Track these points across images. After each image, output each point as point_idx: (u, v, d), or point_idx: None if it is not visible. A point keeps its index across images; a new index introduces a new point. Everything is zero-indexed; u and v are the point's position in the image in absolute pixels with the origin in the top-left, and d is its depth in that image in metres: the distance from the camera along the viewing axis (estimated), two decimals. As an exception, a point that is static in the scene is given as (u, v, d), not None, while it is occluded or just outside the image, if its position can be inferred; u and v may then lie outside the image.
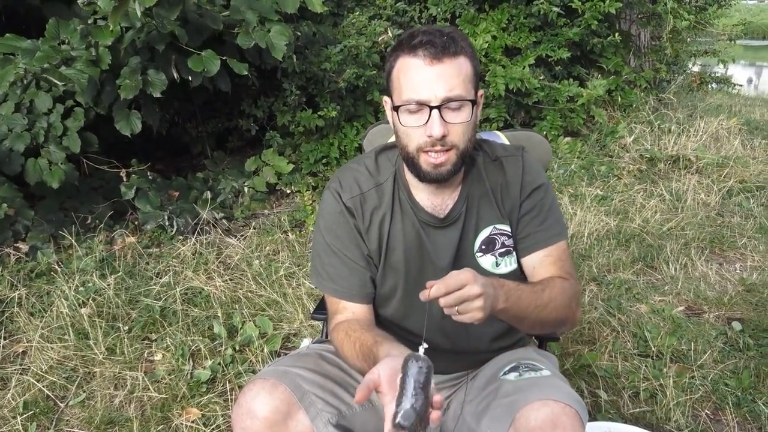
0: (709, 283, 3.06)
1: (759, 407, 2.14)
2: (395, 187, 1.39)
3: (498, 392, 1.27)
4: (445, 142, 1.24)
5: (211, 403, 2.22)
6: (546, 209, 1.40)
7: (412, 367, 0.99)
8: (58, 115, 3.24)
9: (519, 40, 4.68)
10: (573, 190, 4.15)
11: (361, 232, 1.38)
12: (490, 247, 1.39)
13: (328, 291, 1.41)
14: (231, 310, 2.77)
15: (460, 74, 1.23)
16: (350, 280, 1.39)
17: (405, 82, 1.24)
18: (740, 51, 11.44)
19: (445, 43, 1.22)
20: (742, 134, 5.25)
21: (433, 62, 1.21)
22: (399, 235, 1.38)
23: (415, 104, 1.22)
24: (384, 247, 1.39)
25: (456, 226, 1.38)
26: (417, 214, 1.38)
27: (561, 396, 1.13)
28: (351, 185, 1.40)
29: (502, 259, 1.39)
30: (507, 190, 1.39)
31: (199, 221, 3.52)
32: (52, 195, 3.35)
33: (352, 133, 4.14)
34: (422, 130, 1.23)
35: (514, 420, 1.14)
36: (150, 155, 4.03)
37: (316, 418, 1.30)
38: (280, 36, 3.30)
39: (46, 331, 2.58)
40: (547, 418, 1.11)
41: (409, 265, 1.39)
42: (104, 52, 3.12)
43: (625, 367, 2.39)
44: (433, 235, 1.38)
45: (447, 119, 1.23)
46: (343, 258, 1.38)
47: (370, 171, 1.41)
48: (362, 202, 1.38)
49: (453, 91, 1.22)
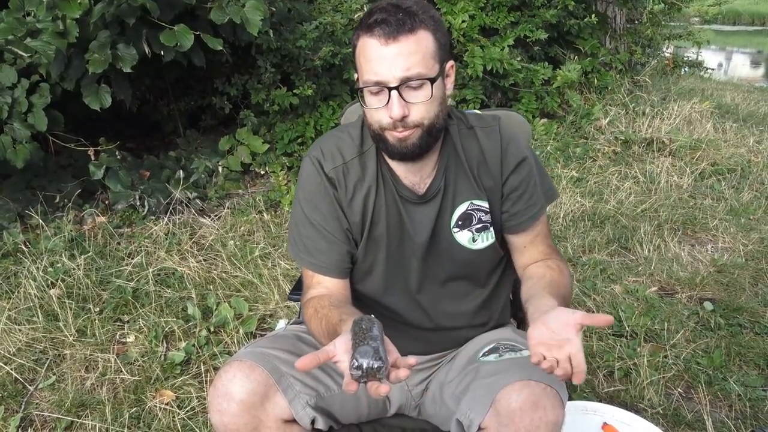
0: (682, 264, 3.10)
1: (730, 385, 2.18)
2: (378, 160, 1.35)
3: (478, 373, 1.27)
4: (406, 122, 1.20)
5: (185, 385, 2.19)
6: (533, 183, 1.37)
7: (357, 324, 1.03)
8: (23, 90, 3.12)
9: (497, 20, 4.65)
10: (549, 171, 4.15)
11: (343, 205, 1.35)
12: (466, 223, 1.37)
13: (305, 264, 1.38)
14: (205, 291, 2.73)
15: (419, 51, 1.18)
16: (328, 255, 1.35)
17: (364, 63, 1.20)
18: (711, 35, 11.58)
19: (400, 20, 1.17)
20: (714, 117, 5.32)
21: (388, 42, 1.17)
22: (383, 209, 1.35)
23: (374, 85, 1.19)
24: (368, 220, 1.35)
25: (434, 202, 1.35)
26: (398, 189, 1.35)
27: (541, 376, 1.12)
28: (333, 153, 1.35)
29: (478, 235, 1.38)
30: (485, 165, 1.35)
31: (172, 201, 3.45)
32: (18, 173, 3.25)
33: (328, 112, 4.09)
34: (384, 111, 1.20)
35: (495, 401, 1.13)
36: (120, 134, 3.93)
37: (294, 400, 1.28)
38: (254, 11, 3.22)
39: (14, 312, 2.52)
40: (528, 398, 1.10)
41: (391, 240, 1.37)
42: (72, 25, 3.01)
43: (600, 346, 2.41)
44: (412, 211, 1.36)
45: (407, 99, 1.19)
46: (321, 231, 1.35)
47: (354, 138, 1.36)
48: (345, 172, 1.34)
49: (411, 70, 1.17)
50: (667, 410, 2.09)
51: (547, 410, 1.10)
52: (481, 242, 1.38)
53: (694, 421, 2.04)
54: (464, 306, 1.44)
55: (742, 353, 2.39)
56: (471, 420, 1.17)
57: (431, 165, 1.34)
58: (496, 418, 1.13)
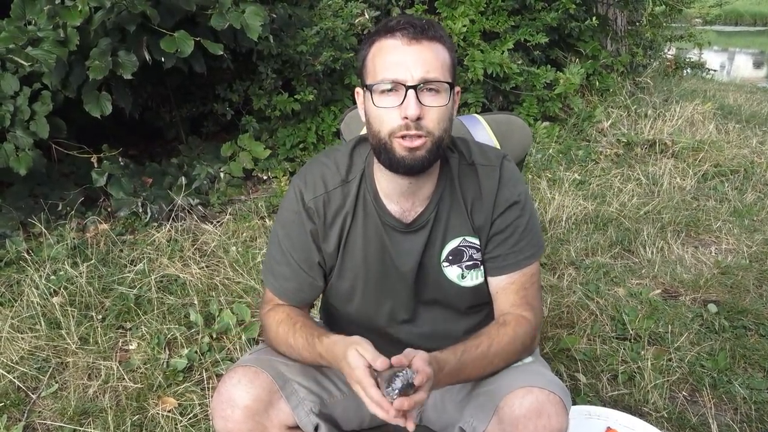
0: (685, 266, 3.09)
1: (735, 388, 2.17)
2: (361, 187, 1.32)
3: (481, 381, 1.26)
4: (420, 125, 1.16)
5: (188, 392, 2.18)
6: (521, 230, 1.32)
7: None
8: (25, 98, 3.13)
9: (497, 24, 4.65)
10: (551, 174, 4.15)
11: (317, 237, 1.33)
12: (457, 259, 1.33)
13: (267, 284, 1.39)
14: (208, 297, 2.73)
15: (438, 59, 1.18)
16: (289, 282, 1.36)
17: (380, 63, 1.19)
18: (713, 36, 11.57)
19: (424, 25, 1.18)
20: (717, 119, 5.31)
21: (411, 42, 1.16)
22: (358, 239, 1.33)
23: (390, 83, 1.16)
24: (341, 248, 1.34)
25: (422, 232, 1.32)
26: (381, 217, 1.32)
27: (545, 383, 1.12)
28: (316, 183, 1.33)
29: (468, 272, 1.34)
30: (480, 203, 1.32)
31: (174, 208, 3.45)
32: (21, 181, 3.25)
33: (330, 117, 4.09)
34: (396, 112, 1.17)
35: (498, 408, 1.12)
36: (123, 141, 3.94)
37: (298, 407, 1.28)
38: (254, 16, 3.22)
39: (17, 321, 2.51)
40: (532, 406, 1.10)
41: (369, 269, 1.34)
42: (72, 33, 3.02)
43: (603, 350, 2.40)
44: (398, 240, 1.32)
45: (423, 102, 1.16)
46: (288, 258, 1.34)
47: (339, 167, 1.34)
48: (326, 202, 1.32)
49: (431, 73, 1.16)
50: (672, 414, 2.08)
51: (551, 417, 1.09)
52: (470, 280, 1.35)
53: (699, 425, 2.03)
54: (458, 326, 1.41)
55: (747, 356, 2.37)
56: (474, 427, 1.17)
57: (426, 192, 1.30)
58: (499, 426, 1.12)
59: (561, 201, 3.67)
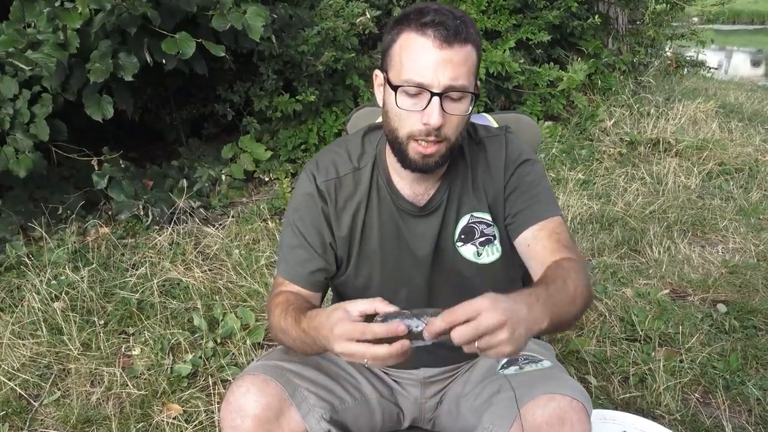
0: (693, 266, 3.06)
1: (748, 389, 2.14)
2: (374, 173, 1.32)
3: (500, 386, 1.23)
4: (439, 133, 1.15)
5: (192, 399, 2.15)
6: (536, 183, 1.29)
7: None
8: (25, 101, 3.09)
9: (499, 23, 4.63)
10: (555, 174, 4.12)
11: (330, 219, 1.32)
12: (469, 237, 1.32)
13: (279, 272, 1.36)
14: (211, 301, 2.69)
15: (466, 64, 1.15)
16: (303, 265, 1.33)
17: (408, 61, 1.15)
18: (711, 35, 11.56)
19: (457, 27, 1.13)
20: (719, 117, 5.29)
21: (443, 46, 1.12)
22: (374, 224, 1.32)
23: (415, 86, 1.14)
24: (357, 236, 1.32)
25: (436, 215, 1.31)
26: (395, 202, 1.31)
27: (567, 390, 1.09)
28: (328, 167, 1.33)
29: (483, 249, 1.32)
30: (489, 173, 1.31)
31: (176, 210, 3.41)
32: (20, 185, 3.22)
33: (331, 118, 4.05)
34: (418, 116, 1.15)
35: (519, 415, 1.09)
36: (123, 143, 3.90)
37: (308, 415, 1.24)
38: (256, 17, 3.19)
39: (17, 327, 2.48)
40: (554, 413, 1.07)
41: (386, 255, 1.33)
42: (72, 35, 2.99)
43: (613, 351, 2.37)
44: (412, 224, 1.32)
45: (446, 109, 1.14)
46: (302, 240, 1.32)
47: (351, 154, 1.34)
48: (337, 186, 1.32)
49: (457, 80, 1.13)
50: (685, 416, 2.05)
51: (574, 425, 1.06)
52: (486, 256, 1.33)
53: (713, 427, 2.00)
54: None
55: (758, 356, 2.35)
56: (493, 434, 1.14)
57: (437, 177, 1.30)
58: (520, 433, 1.09)
59: (566, 201, 3.64)
